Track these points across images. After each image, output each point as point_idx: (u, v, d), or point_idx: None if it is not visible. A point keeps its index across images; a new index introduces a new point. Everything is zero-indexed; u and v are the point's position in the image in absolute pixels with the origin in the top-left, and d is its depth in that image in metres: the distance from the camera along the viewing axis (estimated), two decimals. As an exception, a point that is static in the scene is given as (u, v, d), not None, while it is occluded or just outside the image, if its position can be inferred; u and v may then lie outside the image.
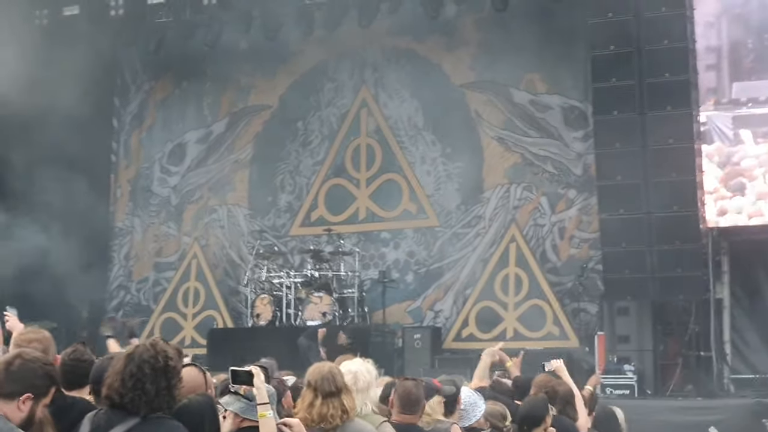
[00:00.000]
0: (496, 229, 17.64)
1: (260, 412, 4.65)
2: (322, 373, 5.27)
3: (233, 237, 19.69)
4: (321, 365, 5.42)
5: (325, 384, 5.22)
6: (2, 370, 4.00)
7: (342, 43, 18.89)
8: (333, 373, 5.27)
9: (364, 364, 5.73)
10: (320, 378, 5.24)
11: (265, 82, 19.75)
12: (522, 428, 6.19)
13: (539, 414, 6.17)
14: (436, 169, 18.30)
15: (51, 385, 4.07)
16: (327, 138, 19.25)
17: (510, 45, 17.08)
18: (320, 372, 5.29)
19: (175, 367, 4.24)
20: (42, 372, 4.04)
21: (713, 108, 14.84)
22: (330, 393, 5.20)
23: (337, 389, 5.21)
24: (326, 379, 5.23)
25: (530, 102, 17.66)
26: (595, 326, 15.99)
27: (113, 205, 20.84)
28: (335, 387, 5.21)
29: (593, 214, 16.29)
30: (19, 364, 4.01)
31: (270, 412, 4.65)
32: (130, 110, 21.04)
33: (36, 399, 3.99)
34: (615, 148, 14.39)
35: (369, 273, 18.04)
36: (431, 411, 5.97)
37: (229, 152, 19.98)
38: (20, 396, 3.96)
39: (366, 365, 5.73)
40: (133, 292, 20.42)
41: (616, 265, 14.54)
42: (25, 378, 3.99)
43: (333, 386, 5.21)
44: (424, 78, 18.47)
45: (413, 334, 16.51)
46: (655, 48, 14.08)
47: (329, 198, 19.05)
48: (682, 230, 13.91)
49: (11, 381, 3.97)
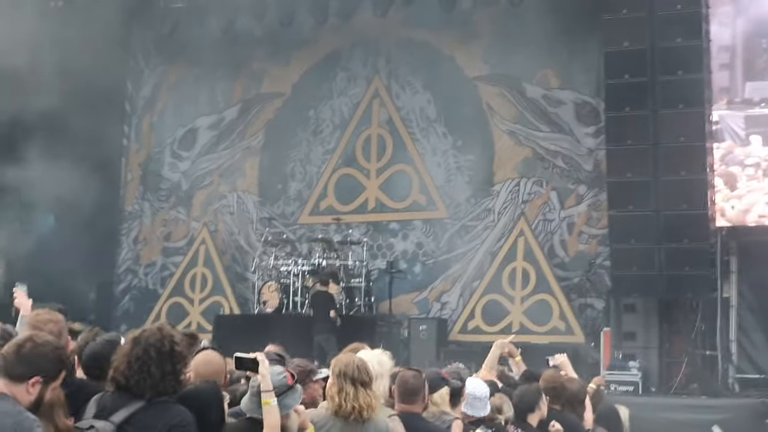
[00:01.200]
0: (504, 223, 17.65)
1: (264, 400, 4.66)
2: (356, 362, 5.23)
3: (242, 223, 19.74)
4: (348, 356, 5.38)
5: (356, 373, 5.16)
6: (13, 352, 4.01)
7: (356, 32, 18.89)
8: (364, 364, 5.23)
9: (376, 354, 5.69)
10: (356, 368, 5.18)
11: (279, 70, 19.75)
12: (518, 416, 6.38)
13: (530, 401, 6.42)
14: (446, 161, 18.30)
15: (61, 368, 4.08)
16: (338, 127, 19.26)
17: (524, 39, 17.04)
18: (353, 362, 5.23)
19: (181, 352, 4.26)
20: (53, 356, 4.05)
21: (726, 107, 14.79)
22: (363, 382, 5.17)
23: (369, 379, 5.20)
24: (360, 369, 5.19)
25: (543, 97, 17.63)
26: (601, 322, 16.00)
27: (123, 188, 20.88)
28: (368, 377, 5.19)
29: (603, 210, 16.27)
30: (30, 347, 4.02)
31: (274, 400, 4.66)
32: (142, 94, 21.07)
33: (45, 382, 4.00)
34: (626, 144, 14.36)
35: (377, 263, 18.07)
36: (440, 401, 5.97)
37: (240, 139, 20.00)
38: (30, 379, 3.97)
39: (379, 356, 5.69)
40: (140, 275, 20.48)
41: (624, 261, 14.53)
42: (35, 361, 3.99)
43: (366, 376, 5.18)
44: (437, 70, 18.46)
45: (419, 325, 16.54)
46: (669, 45, 14.02)
47: (339, 187, 19.07)
48: (691, 229, 13.89)
49: (21, 363, 3.98)
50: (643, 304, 14.88)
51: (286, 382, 4.81)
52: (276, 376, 4.81)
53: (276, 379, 4.79)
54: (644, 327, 14.82)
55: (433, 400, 5.94)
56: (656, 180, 14.01)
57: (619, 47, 14.43)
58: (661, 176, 13.99)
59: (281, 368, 4.95)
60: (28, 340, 4.07)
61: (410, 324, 16.76)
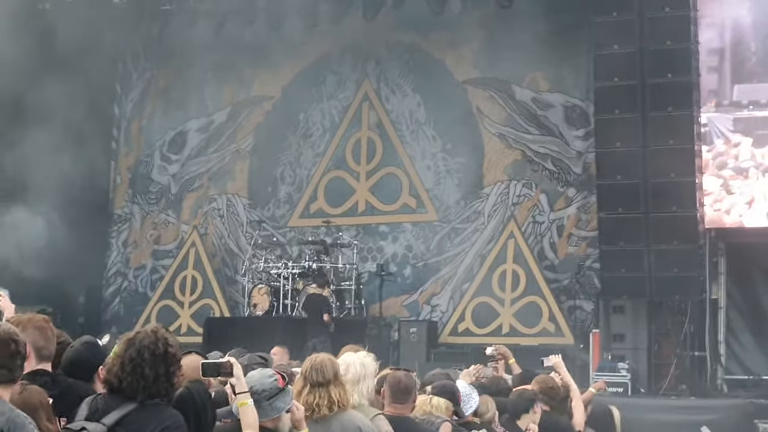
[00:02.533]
0: (494, 226, 17.68)
1: (240, 401, 4.68)
2: (312, 363, 5.31)
3: (232, 226, 19.73)
4: (317, 356, 5.45)
5: (313, 374, 5.25)
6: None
7: (346, 36, 18.89)
8: (324, 364, 5.28)
9: (360, 356, 5.73)
10: (309, 367, 5.28)
11: (268, 73, 19.74)
12: (510, 418, 6.53)
13: (522, 405, 6.55)
14: (436, 164, 18.33)
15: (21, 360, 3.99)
16: (328, 130, 19.27)
17: (513, 42, 17.06)
18: (311, 362, 5.32)
19: (174, 354, 4.27)
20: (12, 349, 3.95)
21: (714, 110, 14.86)
22: (317, 383, 5.23)
23: (324, 380, 5.23)
24: (315, 369, 5.26)
25: (532, 99, 17.67)
26: (591, 324, 16.06)
27: (113, 191, 20.85)
28: (323, 377, 5.23)
29: (592, 213, 16.33)
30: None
31: (250, 401, 4.69)
32: (131, 97, 21.03)
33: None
34: (615, 147, 14.41)
35: (367, 266, 18.09)
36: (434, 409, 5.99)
37: (230, 142, 19.99)
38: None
39: (362, 358, 5.73)
40: (130, 278, 20.44)
41: (613, 263, 14.58)
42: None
43: (321, 376, 5.23)
44: (426, 73, 18.49)
45: (409, 328, 16.56)
46: (658, 48, 14.08)
47: (329, 190, 19.07)
48: (680, 231, 13.95)
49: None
50: (632, 305, 14.92)
51: (277, 384, 4.82)
52: (267, 379, 4.82)
53: (267, 381, 4.81)
54: (633, 328, 14.86)
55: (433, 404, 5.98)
56: (645, 182, 14.07)
57: (608, 50, 14.49)
58: (650, 178, 14.05)
59: (271, 371, 4.96)
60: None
61: (400, 326, 16.78)
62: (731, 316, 14.96)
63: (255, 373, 4.92)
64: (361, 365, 5.62)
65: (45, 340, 4.75)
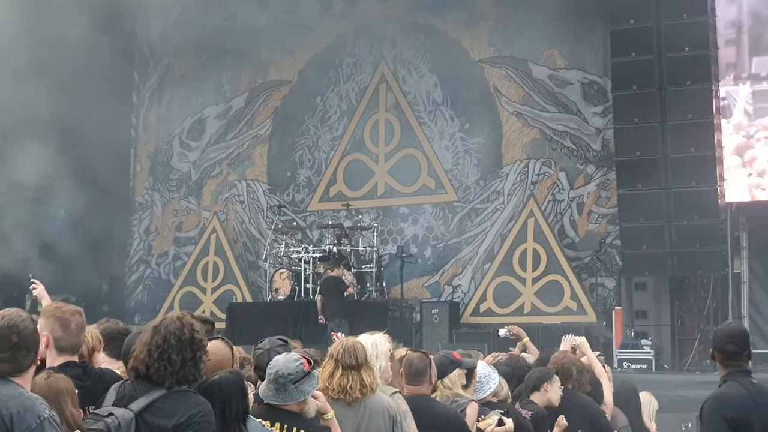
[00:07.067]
0: (514, 205, 17.65)
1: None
2: (345, 345, 5.35)
3: (252, 212, 19.79)
4: (346, 339, 5.49)
5: (345, 357, 5.29)
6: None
7: (361, 17, 18.87)
8: (356, 347, 5.33)
9: (374, 337, 5.76)
10: (342, 350, 5.32)
11: (285, 57, 19.75)
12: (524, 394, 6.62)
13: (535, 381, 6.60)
14: (454, 144, 18.31)
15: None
16: (346, 113, 19.27)
17: (529, 20, 16.99)
18: (343, 345, 5.36)
19: (201, 339, 4.29)
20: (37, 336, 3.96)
21: (733, 83, 14.77)
22: (350, 366, 5.27)
23: (357, 363, 5.28)
24: (348, 351, 5.30)
25: (549, 77, 17.60)
26: (613, 301, 16.04)
27: (133, 180, 20.95)
28: (355, 360, 5.28)
29: (612, 190, 16.28)
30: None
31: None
32: (149, 85, 21.10)
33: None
34: (634, 123, 14.37)
35: (387, 248, 18.12)
36: (452, 385, 6.02)
37: (248, 127, 20.03)
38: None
39: (376, 338, 5.75)
40: (153, 266, 20.56)
41: (634, 240, 14.55)
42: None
43: (353, 359, 5.28)
44: (443, 53, 18.44)
45: (431, 309, 16.58)
46: (674, 22, 14.00)
47: (348, 173, 19.09)
48: (701, 206, 13.90)
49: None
50: (654, 282, 14.91)
51: (303, 368, 4.84)
52: (292, 363, 4.84)
53: (293, 366, 4.82)
54: (655, 305, 14.85)
55: (444, 384, 5.99)
56: (665, 157, 14.02)
57: (625, 25, 14.42)
58: (669, 153, 14.00)
59: (297, 355, 4.99)
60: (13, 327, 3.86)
61: (422, 308, 16.80)
62: (754, 290, 14.91)
63: (280, 357, 4.93)
64: (374, 345, 5.65)
65: (64, 330, 4.72)
